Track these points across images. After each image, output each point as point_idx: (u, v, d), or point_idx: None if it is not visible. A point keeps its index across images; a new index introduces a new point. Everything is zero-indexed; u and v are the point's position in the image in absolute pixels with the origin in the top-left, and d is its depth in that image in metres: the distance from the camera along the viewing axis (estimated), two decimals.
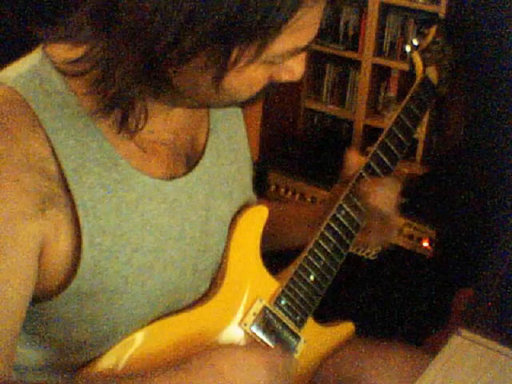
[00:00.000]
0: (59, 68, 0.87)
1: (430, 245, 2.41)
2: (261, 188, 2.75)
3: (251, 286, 1.06)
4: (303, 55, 0.88)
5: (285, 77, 0.88)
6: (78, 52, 0.85)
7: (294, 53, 0.85)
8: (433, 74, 1.25)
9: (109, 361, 0.94)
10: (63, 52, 0.87)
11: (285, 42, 0.80)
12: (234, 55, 0.78)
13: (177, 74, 0.82)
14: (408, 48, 1.27)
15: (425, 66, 1.24)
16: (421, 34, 1.28)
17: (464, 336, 0.99)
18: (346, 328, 1.22)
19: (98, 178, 0.87)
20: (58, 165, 0.85)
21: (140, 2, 0.76)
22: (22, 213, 0.82)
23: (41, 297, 0.89)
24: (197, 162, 1.00)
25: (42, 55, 0.89)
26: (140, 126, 0.87)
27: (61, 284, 0.88)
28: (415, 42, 1.27)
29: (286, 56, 0.84)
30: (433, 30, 1.28)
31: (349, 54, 2.90)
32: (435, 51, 1.27)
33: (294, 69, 0.88)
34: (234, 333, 1.04)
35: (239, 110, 1.12)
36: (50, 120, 0.85)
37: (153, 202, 0.93)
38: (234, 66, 0.79)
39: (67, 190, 0.85)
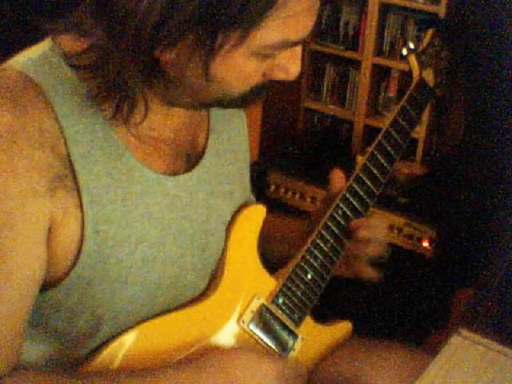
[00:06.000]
0: (68, 59, 0.87)
1: (430, 245, 2.40)
2: (261, 188, 2.74)
3: (249, 284, 1.07)
4: (298, 54, 0.88)
5: (279, 75, 0.89)
6: (85, 43, 0.86)
7: (285, 46, 0.84)
8: (429, 76, 1.26)
9: (107, 358, 0.94)
10: (71, 42, 0.88)
11: (272, 31, 0.80)
12: (219, 39, 0.79)
13: (166, 57, 0.82)
14: (405, 51, 1.28)
15: (421, 68, 1.25)
16: (417, 37, 1.28)
17: (464, 336, 0.99)
18: (344, 327, 1.23)
19: (104, 166, 0.88)
20: (67, 148, 0.85)
21: None
22: (32, 190, 0.82)
23: (44, 284, 0.89)
24: (197, 162, 1.01)
25: (52, 44, 0.90)
26: (138, 119, 0.87)
27: (64, 270, 0.88)
28: (411, 46, 1.28)
29: (277, 48, 0.84)
30: (429, 32, 1.28)
31: (349, 54, 2.90)
32: (432, 54, 1.27)
33: (289, 67, 0.88)
34: (231, 330, 1.04)
35: (242, 112, 1.12)
36: (60, 104, 0.85)
37: (155, 196, 0.93)
38: (219, 49, 0.80)
39: (74, 175, 0.86)
